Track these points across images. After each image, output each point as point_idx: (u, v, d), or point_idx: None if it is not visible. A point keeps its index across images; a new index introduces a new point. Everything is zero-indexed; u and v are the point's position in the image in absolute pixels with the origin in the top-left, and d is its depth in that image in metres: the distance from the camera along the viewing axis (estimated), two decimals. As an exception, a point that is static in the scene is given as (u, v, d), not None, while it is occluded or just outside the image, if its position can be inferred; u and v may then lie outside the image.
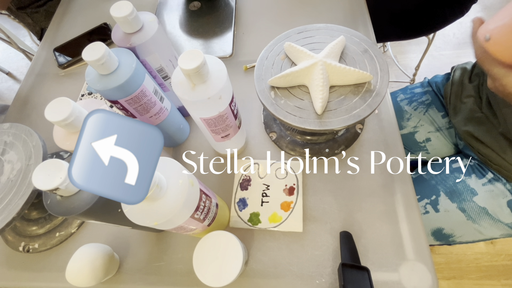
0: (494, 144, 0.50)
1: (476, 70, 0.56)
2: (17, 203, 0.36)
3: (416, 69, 1.22)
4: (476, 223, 0.52)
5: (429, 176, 0.58)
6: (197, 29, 0.64)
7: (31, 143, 0.40)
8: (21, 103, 0.61)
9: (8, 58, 1.76)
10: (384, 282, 0.37)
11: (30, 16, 0.89)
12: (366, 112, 0.36)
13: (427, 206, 0.56)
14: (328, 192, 0.44)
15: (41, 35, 0.94)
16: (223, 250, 0.33)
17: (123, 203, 0.27)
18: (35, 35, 0.96)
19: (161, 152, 0.41)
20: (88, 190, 0.19)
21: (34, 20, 0.90)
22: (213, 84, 0.32)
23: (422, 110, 0.63)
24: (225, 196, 0.45)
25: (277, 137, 0.49)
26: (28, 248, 0.44)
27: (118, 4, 0.35)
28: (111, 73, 0.34)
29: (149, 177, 0.20)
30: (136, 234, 0.44)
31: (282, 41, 0.44)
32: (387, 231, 0.40)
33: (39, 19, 0.90)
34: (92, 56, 0.32)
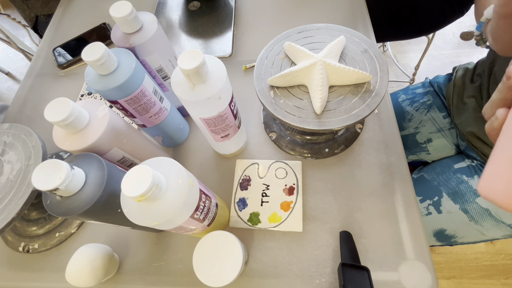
0: None
1: (478, 71, 0.56)
2: (17, 203, 0.36)
3: (416, 69, 1.22)
4: (478, 224, 0.52)
5: (431, 177, 0.58)
6: (197, 29, 0.64)
7: (31, 143, 0.40)
8: (20, 103, 0.61)
9: (7, 58, 1.76)
10: (384, 281, 0.37)
11: (26, 2, 0.87)
12: (365, 112, 0.36)
13: (430, 207, 0.56)
14: (328, 192, 0.44)
15: (35, 23, 0.91)
16: (223, 250, 0.33)
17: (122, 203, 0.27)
18: (28, 22, 0.93)
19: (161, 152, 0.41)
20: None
21: (30, 6, 0.88)
22: (213, 84, 0.32)
23: (424, 111, 0.63)
24: (225, 196, 0.45)
25: (277, 137, 0.49)
26: (28, 249, 0.44)
27: (117, 4, 0.35)
28: (111, 73, 0.34)
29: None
30: (136, 234, 0.44)
31: (282, 40, 0.44)
32: (387, 231, 0.40)
33: (35, 5, 0.87)
34: (91, 56, 0.32)
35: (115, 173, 0.31)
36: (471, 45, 1.45)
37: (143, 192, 0.23)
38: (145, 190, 0.23)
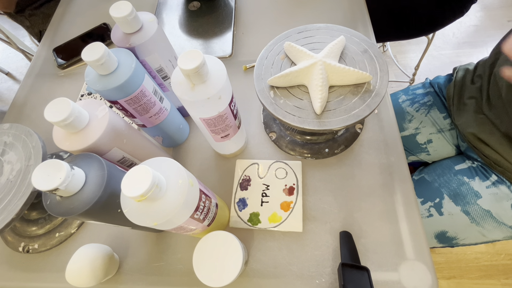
0: (498, 147, 0.50)
1: (478, 72, 0.56)
2: (16, 204, 0.36)
3: (415, 69, 1.22)
4: (480, 226, 0.52)
5: (432, 179, 0.58)
6: (197, 29, 0.64)
7: (31, 143, 0.40)
8: (20, 104, 0.61)
9: (7, 59, 1.76)
10: (384, 281, 0.37)
11: (28, 18, 0.89)
12: (365, 112, 0.36)
13: (431, 209, 0.56)
14: (328, 192, 0.44)
15: (40, 37, 0.94)
16: (223, 250, 0.33)
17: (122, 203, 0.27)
18: (34, 37, 0.96)
19: (161, 152, 0.41)
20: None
21: (32, 22, 0.90)
22: (213, 84, 0.32)
23: (424, 112, 0.63)
24: (225, 196, 0.45)
25: (277, 137, 0.49)
26: (28, 249, 0.44)
27: (117, 4, 0.35)
28: (111, 73, 0.34)
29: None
30: (136, 234, 0.44)
31: (282, 40, 0.44)
32: (387, 231, 0.40)
33: (36, 21, 0.90)
34: (91, 57, 0.32)
35: (115, 173, 0.31)
36: (471, 45, 1.45)
37: (143, 192, 0.23)
38: (145, 190, 0.23)
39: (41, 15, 0.89)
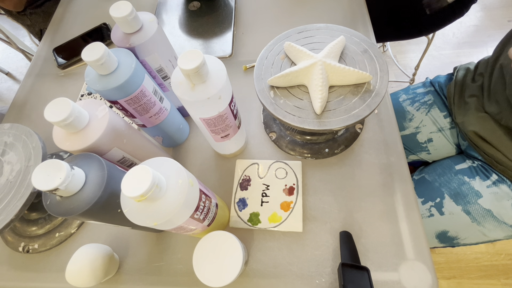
0: (500, 144, 0.50)
1: (480, 70, 0.56)
2: (16, 204, 0.36)
3: (415, 69, 1.22)
4: (480, 226, 0.52)
5: (432, 179, 0.58)
6: (197, 29, 0.64)
7: (31, 144, 0.40)
8: (20, 103, 0.61)
9: (7, 58, 1.76)
10: (384, 281, 0.37)
11: (29, 17, 0.89)
12: (365, 112, 0.36)
13: (432, 209, 0.56)
14: (328, 192, 0.44)
15: (41, 36, 0.94)
16: (223, 250, 0.33)
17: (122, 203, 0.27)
18: (35, 36, 0.96)
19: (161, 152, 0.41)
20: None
21: (33, 21, 0.90)
22: (213, 84, 0.32)
23: (425, 111, 0.63)
24: (225, 196, 0.45)
25: (277, 137, 0.49)
26: (28, 249, 0.44)
27: (117, 4, 0.35)
28: (111, 73, 0.34)
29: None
30: (136, 234, 0.44)
31: (282, 40, 0.44)
32: (387, 231, 0.40)
33: (37, 20, 0.90)
34: (91, 56, 0.31)
35: (115, 173, 0.31)
36: (471, 45, 1.45)
37: (143, 192, 0.23)
38: (145, 190, 0.23)
39: (41, 13, 0.89)
